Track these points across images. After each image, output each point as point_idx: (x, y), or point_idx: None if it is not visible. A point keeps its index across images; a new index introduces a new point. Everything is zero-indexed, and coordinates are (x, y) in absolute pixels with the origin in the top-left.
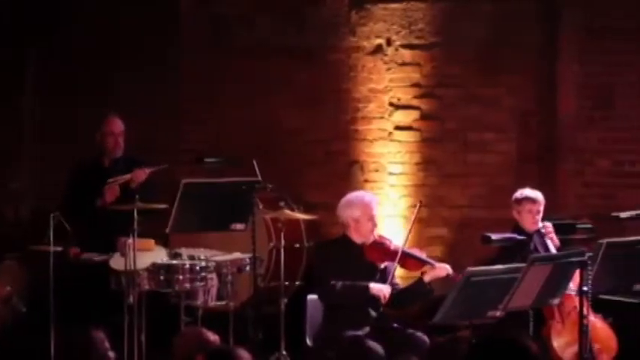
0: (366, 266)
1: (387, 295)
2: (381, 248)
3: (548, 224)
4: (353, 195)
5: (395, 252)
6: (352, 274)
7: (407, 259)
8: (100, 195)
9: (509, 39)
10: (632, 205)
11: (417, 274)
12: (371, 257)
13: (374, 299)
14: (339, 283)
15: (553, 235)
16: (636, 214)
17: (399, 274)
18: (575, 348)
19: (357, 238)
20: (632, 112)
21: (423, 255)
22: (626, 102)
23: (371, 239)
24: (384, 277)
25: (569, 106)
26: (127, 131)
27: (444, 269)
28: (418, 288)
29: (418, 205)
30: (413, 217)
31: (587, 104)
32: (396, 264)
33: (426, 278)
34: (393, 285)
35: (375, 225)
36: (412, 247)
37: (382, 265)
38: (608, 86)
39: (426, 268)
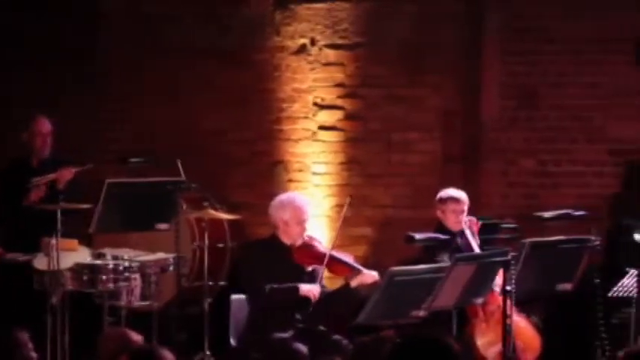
0: (294, 268)
1: (317, 295)
2: (310, 251)
3: (474, 219)
4: (285, 196)
5: (323, 255)
6: (279, 276)
7: (335, 263)
8: (25, 194)
9: (432, 39)
10: (555, 205)
11: (344, 278)
12: (299, 259)
13: (304, 300)
14: (269, 286)
15: (474, 230)
16: (559, 214)
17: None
18: (498, 347)
19: (286, 240)
20: (555, 112)
21: (351, 260)
22: (550, 102)
23: (300, 241)
24: (311, 280)
25: (493, 107)
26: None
27: (371, 276)
28: (344, 293)
29: (348, 199)
30: (342, 212)
31: (510, 104)
32: (323, 267)
33: (353, 284)
34: (320, 288)
35: (304, 229)
36: (340, 251)
37: (310, 268)
38: (532, 86)
39: (353, 273)
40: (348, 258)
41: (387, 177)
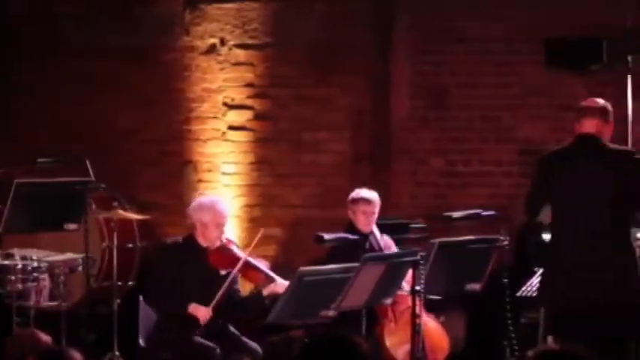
0: (207, 271)
1: (205, 319)
2: (226, 255)
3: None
4: (207, 199)
5: (238, 260)
6: (191, 278)
7: (249, 270)
8: None
9: (342, 40)
10: (464, 204)
11: (259, 285)
12: (214, 262)
13: (192, 319)
14: (162, 290)
15: None
16: (468, 214)
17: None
18: (407, 347)
19: (203, 242)
20: (464, 112)
21: (266, 268)
22: (459, 102)
23: (217, 244)
24: (223, 283)
25: (403, 107)
26: None
27: (284, 287)
28: (255, 301)
29: (260, 233)
30: (254, 244)
31: (420, 104)
32: (237, 272)
33: (265, 292)
34: (233, 292)
35: (222, 232)
36: (256, 257)
37: (223, 272)
38: (441, 86)
39: (266, 281)
40: (263, 265)
41: (296, 177)
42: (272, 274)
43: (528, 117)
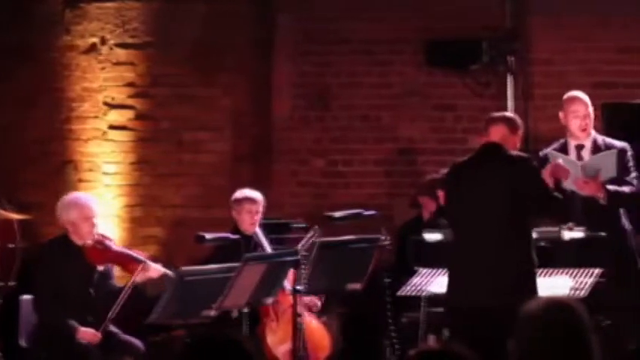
0: (86, 268)
1: (97, 339)
2: (100, 250)
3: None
4: (69, 197)
5: (113, 253)
6: (71, 277)
7: (125, 261)
8: None
9: (224, 39)
10: (346, 204)
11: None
12: (90, 259)
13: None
14: (45, 301)
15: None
16: (349, 214)
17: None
18: (288, 346)
19: (77, 240)
20: (345, 112)
21: (141, 256)
22: (340, 102)
23: (90, 240)
24: (103, 278)
25: (284, 107)
26: None
27: (157, 270)
28: (129, 288)
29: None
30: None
31: (301, 104)
32: (113, 265)
33: (138, 279)
34: (110, 287)
35: (92, 226)
36: (132, 248)
37: (101, 267)
38: (323, 87)
39: (144, 270)
40: (138, 254)
41: (177, 177)
42: (146, 260)
43: (409, 117)
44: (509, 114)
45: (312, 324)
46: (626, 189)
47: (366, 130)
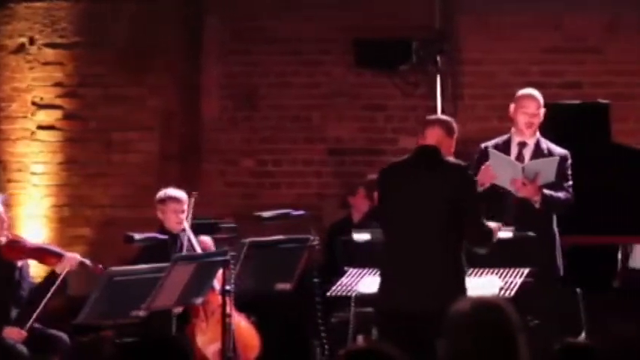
0: (4, 266)
1: (21, 340)
2: (16, 247)
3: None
4: None
5: (29, 248)
6: None
7: (42, 255)
8: None
9: (152, 40)
10: (275, 204)
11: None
12: (8, 256)
13: None
14: None
15: None
16: (278, 214)
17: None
18: (218, 345)
19: None
20: (274, 112)
21: (57, 248)
22: (269, 102)
23: (4, 239)
24: (22, 276)
25: (212, 107)
26: None
27: (73, 258)
28: (52, 282)
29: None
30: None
31: (230, 105)
32: (30, 260)
33: (58, 270)
34: (31, 284)
35: (2, 222)
36: (49, 243)
37: (20, 264)
38: (251, 87)
39: (61, 262)
40: (54, 247)
41: (106, 177)
42: (61, 251)
43: (338, 117)
44: (445, 117)
45: (242, 324)
46: (561, 195)
47: (295, 130)
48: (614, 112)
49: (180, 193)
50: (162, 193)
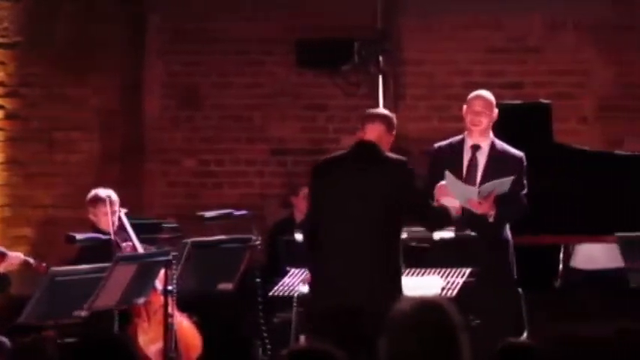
0: None
1: None
2: None
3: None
4: None
5: None
6: None
7: None
8: None
9: (93, 39)
10: (217, 204)
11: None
12: None
13: None
14: None
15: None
16: (221, 214)
17: None
18: (159, 345)
19: None
20: (217, 111)
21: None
22: (211, 102)
23: None
24: None
25: (154, 106)
26: None
27: (16, 257)
28: None
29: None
30: None
31: (171, 104)
32: None
33: (1, 269)
34: None
35: None
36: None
37: None
38: (193, 86)
39: (2, 258)
40: None
41: (47, 177)
42: (4, 250)
43: (280, 117)
44: (386, 112)
45: (184, 324)
46: (514, 207)
47: (237, 130)
48: (556, 112)
49: (107, 193)
50: (91, 195)
